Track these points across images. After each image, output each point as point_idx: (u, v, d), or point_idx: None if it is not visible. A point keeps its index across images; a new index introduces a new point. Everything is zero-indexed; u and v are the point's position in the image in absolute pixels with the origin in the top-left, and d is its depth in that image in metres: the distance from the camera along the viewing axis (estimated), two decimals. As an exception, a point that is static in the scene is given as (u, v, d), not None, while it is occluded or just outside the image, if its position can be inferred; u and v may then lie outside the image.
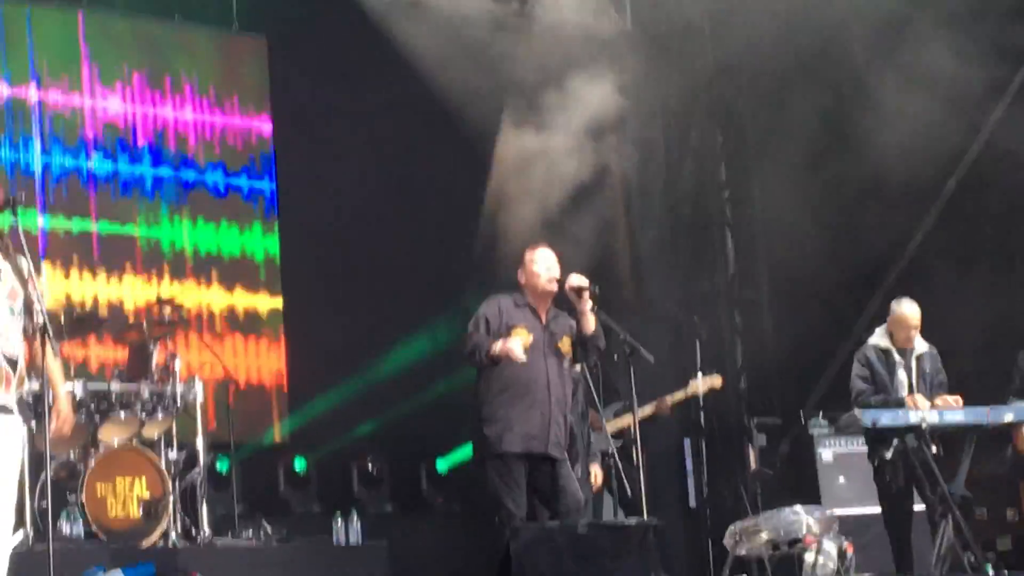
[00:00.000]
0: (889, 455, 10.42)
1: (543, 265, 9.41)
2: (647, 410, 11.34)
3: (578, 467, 9.90)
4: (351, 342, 13.56)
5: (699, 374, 12.11)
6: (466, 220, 13.42)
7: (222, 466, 12.25)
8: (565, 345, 9.40)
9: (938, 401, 10.50)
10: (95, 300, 13.21)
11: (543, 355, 9.29)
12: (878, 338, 10.81)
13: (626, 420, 11.19)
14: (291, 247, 14.24)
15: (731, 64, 15.28)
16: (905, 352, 10.70)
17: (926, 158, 13.59)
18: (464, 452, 13.75)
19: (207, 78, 14.07)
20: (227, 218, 14.04)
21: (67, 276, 13.11)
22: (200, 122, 14.01)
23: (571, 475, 9.34)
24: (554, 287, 9.39)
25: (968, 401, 10.57)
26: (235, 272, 14.01)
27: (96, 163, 13.40)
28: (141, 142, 13.66)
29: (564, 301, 9.53)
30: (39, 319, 6.96)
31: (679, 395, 11.84)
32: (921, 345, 10.74)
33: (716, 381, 12.02)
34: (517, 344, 9.10)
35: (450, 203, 14.06)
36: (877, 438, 10.50)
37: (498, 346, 9.09)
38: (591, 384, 9.83)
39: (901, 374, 10.66)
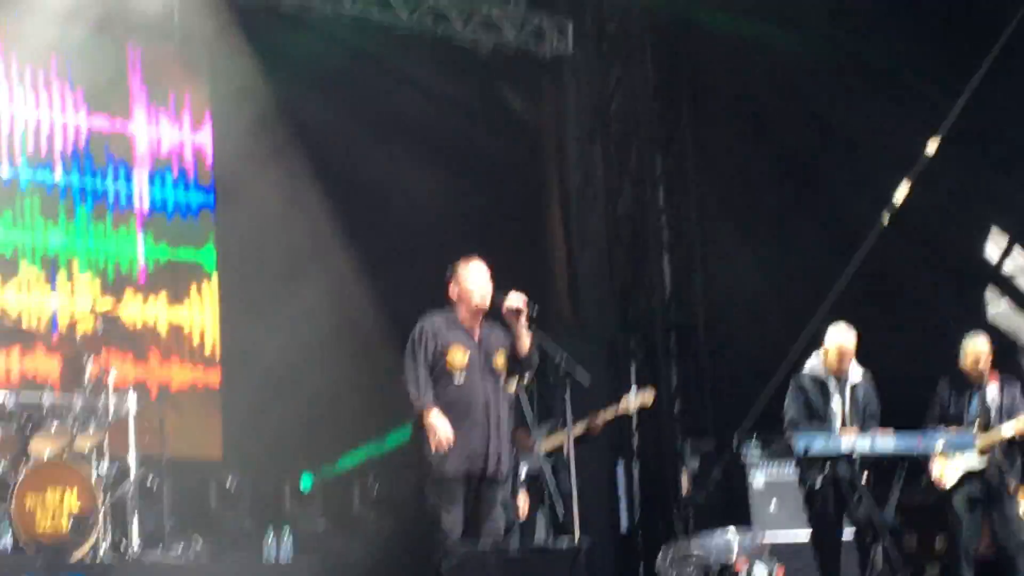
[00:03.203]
0: (819, 483, 10.47)
1: (475, 281, 9.28)
2: (578, 429, 11.32)
3: (505, 488, 9.86)
4: (287, 362, 13.49)
5: (633, 387, 12.03)
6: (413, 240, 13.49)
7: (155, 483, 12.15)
8: (499, 361, 9.29)
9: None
10: (30, 312, 13.10)
11: (479, 374, 9.21)
12: (813, 365, 10.85)
13: (558, 439, 11.17)
14: (227, 261, 14.14)
15: (673, 89, 15.39)
16: (840, 379, 10.75)
17: (863, 188, 13.77)
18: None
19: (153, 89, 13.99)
20: (165, 231, 13.96)
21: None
22: (143, 134, 13.92)
23: (499, 503, 9.33)
24: (486, 304, 9.28)
25: (896, 428, 10.65)
26: (173, 287, 13.91)
27: (33, 172, 13.29)
28: (83, 152, 13.55)
29: (496, 315, 9.48)
30: None
31: (610, 412, 11.80)
32: (855, 373, 10.78)
33: (648, 397, 11.89)
34: (441, 427, 9.02)
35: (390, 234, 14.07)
36: (809, 464, 10.54)
37: (431, 424, 9.00)
38: (523, 402, 9.82)
39: (835, 403, 10.70)
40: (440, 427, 8.99)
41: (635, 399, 11.60)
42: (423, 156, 14.31)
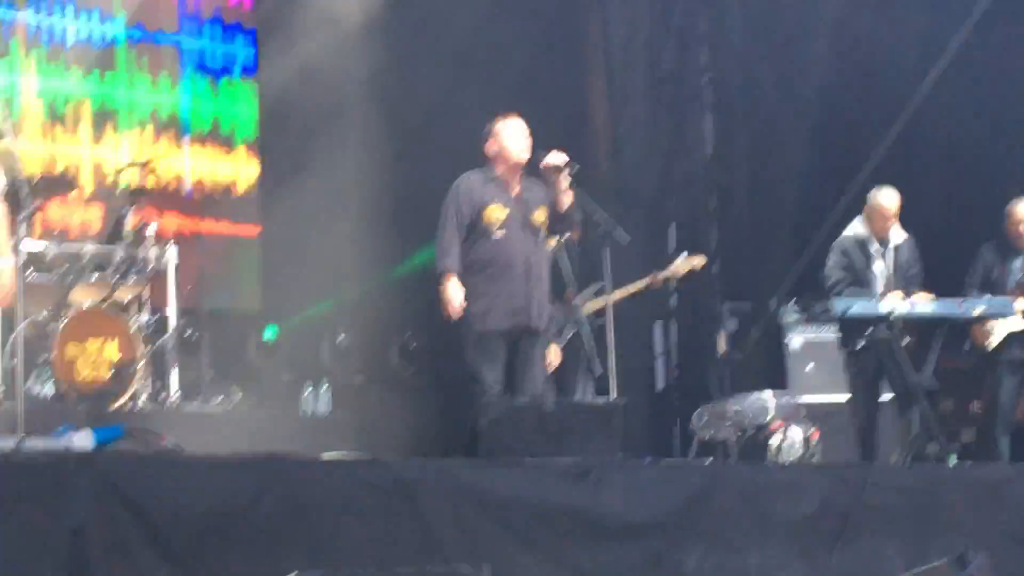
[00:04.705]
0: (861, 344, 10.47)
1: (514, 136, 9.31)
2: (641, 284, 11.33)
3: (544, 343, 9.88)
4: (326, 216, 13.46)
5: (684, 254, 12.13)
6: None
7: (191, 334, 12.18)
8: (540, 216, 9.37)
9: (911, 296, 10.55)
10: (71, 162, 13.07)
11: (518, 229, 9.30)
12: (856, 228, 10.82)
13: (603, 301, 11.16)
14: (270, 111, 14.05)
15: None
16: (882, 242, 10.71)
17: (910, 48, 13.57)
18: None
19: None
20: (207, 84, 13.87)
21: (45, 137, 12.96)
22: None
23: (540, 358, 9.40)
24: (525, 158, 9.31)
25: (938, 293, 10.62)
26: (211, 138, 13.86)
27: (76, 22, 13.20)
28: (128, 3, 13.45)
29: (535, 174, 9.46)
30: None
31: (668, 272, 11.83)
32: (898, 235, 10.75)
33: (698, 261, 12.01)
34: (454, 298, 9.15)
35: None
36: (849, 327, 10.54)
37: (445, 293, 9.17)
38: (563, 262, 9.83)
39: (878, 265, 10.69)
40: (451, 298, 9.16)
41: (685, 263, 11.68)
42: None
